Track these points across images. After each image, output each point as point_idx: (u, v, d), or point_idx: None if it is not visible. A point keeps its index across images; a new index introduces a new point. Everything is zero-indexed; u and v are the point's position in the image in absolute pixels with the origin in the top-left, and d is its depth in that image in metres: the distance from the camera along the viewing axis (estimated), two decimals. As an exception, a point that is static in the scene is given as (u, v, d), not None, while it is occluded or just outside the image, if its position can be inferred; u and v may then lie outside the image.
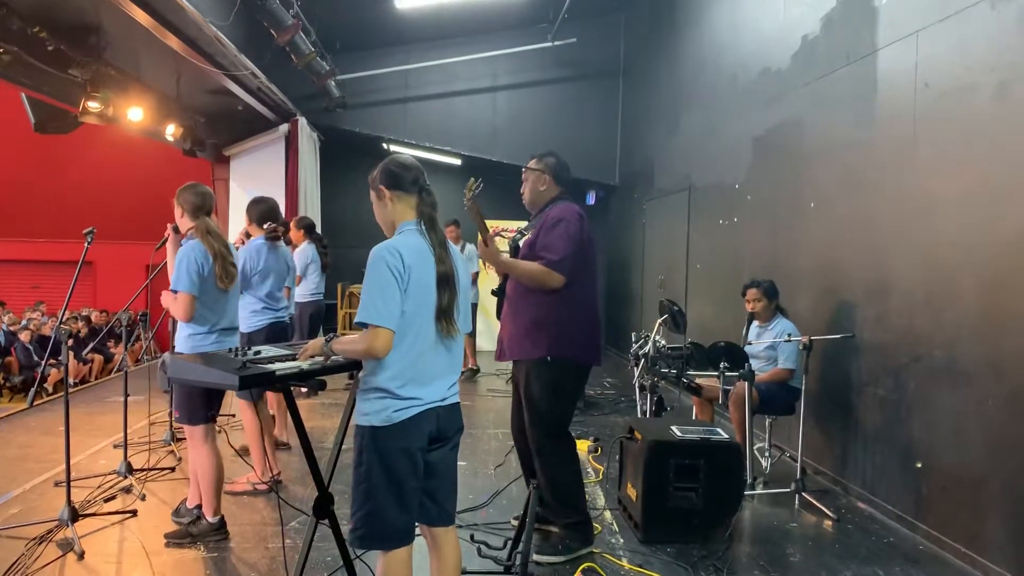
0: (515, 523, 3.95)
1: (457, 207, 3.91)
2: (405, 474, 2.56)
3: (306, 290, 7.11)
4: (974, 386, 3.92)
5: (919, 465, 4.29)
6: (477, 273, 8.88)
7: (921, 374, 4.35)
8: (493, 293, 4.17)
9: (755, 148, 6.75)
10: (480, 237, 3.83)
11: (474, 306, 9.20)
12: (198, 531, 3.97)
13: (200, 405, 3.88)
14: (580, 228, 3.82)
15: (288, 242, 6.55)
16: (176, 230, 4.03)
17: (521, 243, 3.99)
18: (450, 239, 2.92)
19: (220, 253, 3.86)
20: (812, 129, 5.73)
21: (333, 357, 2.72)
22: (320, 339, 2.71)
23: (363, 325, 2.48)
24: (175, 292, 3.76)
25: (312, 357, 2.75)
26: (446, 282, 2.61)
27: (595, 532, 4.09)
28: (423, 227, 2.67)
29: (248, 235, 5.18)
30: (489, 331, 11.36)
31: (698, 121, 8.39)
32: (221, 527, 4.01)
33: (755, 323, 5.43)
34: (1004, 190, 3.76)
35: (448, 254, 2.66)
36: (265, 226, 5.08)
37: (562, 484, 3.92)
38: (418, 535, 2.70)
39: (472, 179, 3.69)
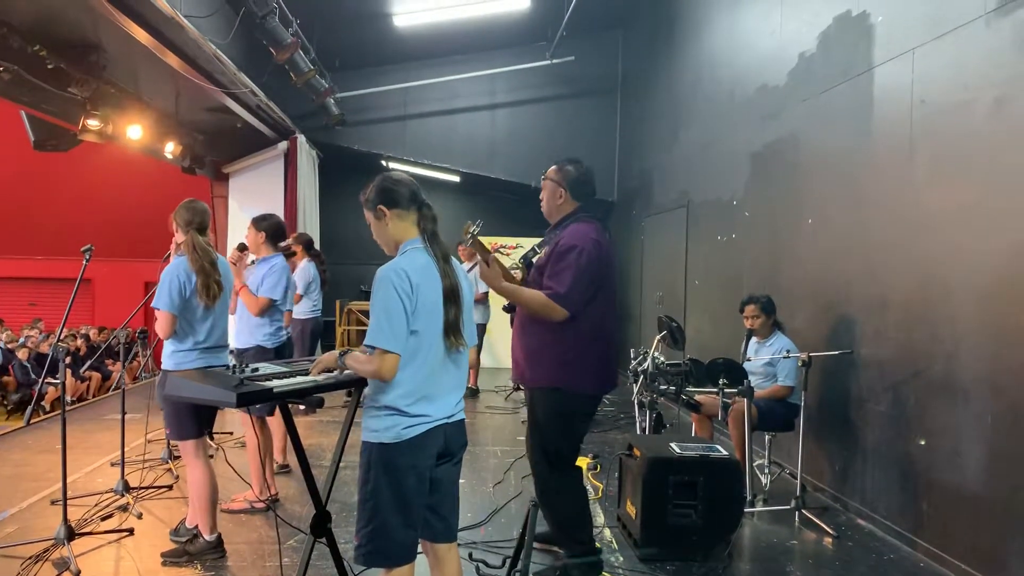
0: (516, 534, 3.90)
1: (456, 224, 3.86)
2: (412, 491, 2.56)
3: (307, 307, 7.13)
4: (973, 401, 3.92)
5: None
6: (486, 293, 8.83)
7: (920, 389, 4.34)
8: (505, 309, 4.07)
9: (753, 164, 6.77)
10: (482, 260, 3.68)
11: (483, 326, 9.18)
12: (195, 550, 3.94)
13: (188, 420, 3.87)
14: (594, 258, 3.59)
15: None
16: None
17: (535, 260, 3.81)
18: (464, 258, 2.93)
19: (204, 269, 3.84)
20: (809, 145, 5.75)
21: (346, 371, 2.72)
22: (334, 352, 2.72)
23: (371, 347, 2.48)
24: (156, 309, 3.79)
25: (324, 371, 2.77)
26: (452, 297, 2.61)
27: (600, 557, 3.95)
28: (427, 243, 2.67)
29: (242, 248, 5.08)
30: (491, 351, 11.35)
31: (696, 138, 8.42)
32: (218, 545, 3.98)
33: (753, 339, 5.43)
34: (1001, 205, 3.77)
35: (452, 269, 2.66)
36: (281, 244, 5.09)
37: (564, 517, 3.83)
38: (419, 552, 2.69)
39: (470, 221, 3.59)
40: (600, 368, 3.71)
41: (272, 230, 5.00)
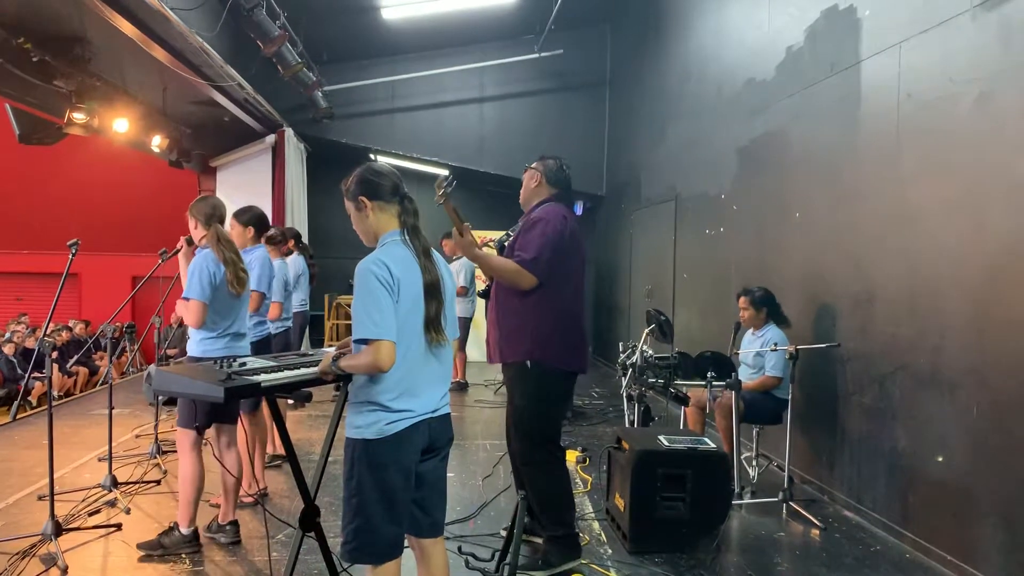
0: (504, 533, 3.93)
1: (443, 217, 3.86)
2: (397, 487, 2.54)
3: (295, 301, 7.10)
4: (958, 394, 3.95)
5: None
6: (465, 288, 8.81)
7: (906, 383, 4.37)
8: (480, 295, 4.16)
9: (740, 158, 6.79)
10: (455, 228, 3.71)
11: (467, 320, 9.17)
12: (170, 542, 3.93)
13: (199, 412, 3.91)
14: (560, 230, 3.74)
15: (288, 252, 6.53)
16: (189, 242, 4.15)
17: (507, 243, 3.95)
18: (447, 252, 2.92)
19: (231, 260, 3.96)
20: (797, 139, 5.77)
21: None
22: (328, 356, 2.65)
23: (363, 341, 2.44)
24: (187, 299, 3.86)
25: (324, 374, 2.68)
26: (433, 291, 2.59)
27: (583, 543, 4.04)
28: (406, 236, 2.66)
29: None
30: (479, 345, 11.32)
31: (684, 132, 8.43)
32: (194, 539, 3.98)
33: (749, 331, 5.47)
34: (986, 199, 3.80)
35: (433, 263, 2.64)
36: (268, 233, 5.08)
37: (547, 496, 3.85)
38: (406, 547, 2.69)
39: (441, 177, 3.62)
40: (573, 346, 3.84)
41: (255, 222, 4.98)
